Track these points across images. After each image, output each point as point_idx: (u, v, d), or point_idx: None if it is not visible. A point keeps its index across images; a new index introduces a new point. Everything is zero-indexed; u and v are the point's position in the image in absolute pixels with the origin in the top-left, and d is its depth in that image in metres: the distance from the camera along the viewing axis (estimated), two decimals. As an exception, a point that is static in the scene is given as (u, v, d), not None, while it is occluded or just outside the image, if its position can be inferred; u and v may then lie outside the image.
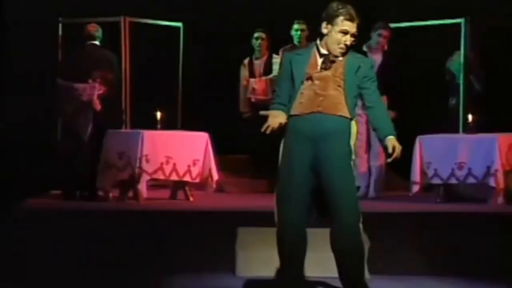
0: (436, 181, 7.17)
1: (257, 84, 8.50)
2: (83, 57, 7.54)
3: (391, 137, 4.52)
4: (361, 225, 4.52)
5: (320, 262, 5.24)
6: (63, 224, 6.02)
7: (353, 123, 4.58)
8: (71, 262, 5.78)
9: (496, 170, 6.88)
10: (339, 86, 4.54)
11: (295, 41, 8.62)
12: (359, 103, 4.76)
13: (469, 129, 7.33)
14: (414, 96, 8.30)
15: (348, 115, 4.54)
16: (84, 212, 6.46)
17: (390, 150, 4.47)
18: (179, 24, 8.91)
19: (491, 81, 8.21)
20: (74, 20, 8.26)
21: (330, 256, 4.65)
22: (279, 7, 9.07)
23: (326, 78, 4.56)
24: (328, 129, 4.50)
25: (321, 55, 4.60)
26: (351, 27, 4.54)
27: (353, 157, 4.58)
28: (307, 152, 4.52)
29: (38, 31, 8.12)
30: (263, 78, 8.50)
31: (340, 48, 4.55)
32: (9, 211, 6.18)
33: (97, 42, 7.65)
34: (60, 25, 8.52)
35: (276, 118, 4.56)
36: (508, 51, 8.41)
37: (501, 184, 6.89)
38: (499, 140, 6.98)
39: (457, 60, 8.05)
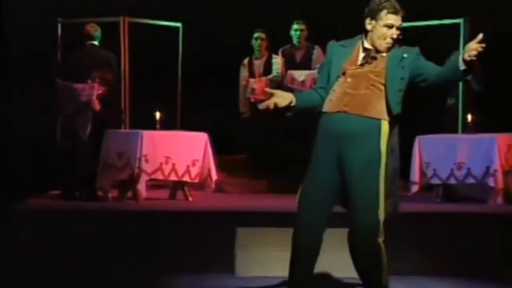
0: (435, 181, 7.17)
1: (257, 84, 8.49)
2: (82, 57, 7.55)
3: (459, 57, 4.27)
4: (381, 231, 4.35)
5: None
6: (62, 224, 6.02)
7: (384, 124, 4.38)
8: (70, 262, 5.78)
9: (495, 170, 6.88)
10: (372, 85, 4.39)
11: (294, 41, 8.64)
12: None
13: (468, 129, 7.33)
14: (413, 96, 8.28)
15: (376, 115, 4.36)
16: (83, 212, 6.47)
17: (469, 58, 4.21)
18: (178, 24, 8.91)
19: (490, 81, 8.21)
20: (73, 21, 8.26)
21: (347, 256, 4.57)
22: (278, 7, 9.07)
23: (360, 76, 4.42)
24: (352, 130, 4.36)
25: (364, 49, 4.46)
26: (396, 20, 4.40)
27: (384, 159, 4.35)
28: (332, 151, 4.39)
29: (37, 32, 8.12)
30: (263, 78, 8.50)
31: (387, 42, 4.41)
32: (8, 211, 6.18)
33: (96, 42, 7.66)
34: (59, 25, 8.53)
35: (276, 98, 4.44)
36: (507, 51, 8.41)
37: (500, 184, 6.89)
38: (498, 140, 6.98)
39: (456, 60, 8.03)
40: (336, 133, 4.40)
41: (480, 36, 4.29)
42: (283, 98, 4.47)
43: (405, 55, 4.42)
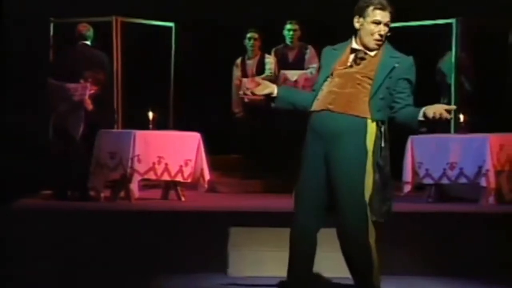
0: (427, 181, 7.18)
1: (250, 84, 8.48)
2: (74, 57, 7.54)
3: (423, 108, 4.28)
4: (371, 228, 4.31)
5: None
6: (54, 224, 6.00)
7: (370, 123, 4.32)
8: (62, 262, 5.77)
9: (487, 170, 6.89)
10: (359, 84, 4.35)
11: (287, 41, 8.64)
12: None
13: (460, 129, 7.34)
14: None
15: (362, 114, 4.32)
16: (75, 212, 6.46)
17: (431, 115, 4.22)
18: (171, 24, 8.90)
19: (482, 81, 8.23)
20: (66, 20, 8.24)
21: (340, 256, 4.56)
22: (272, 8, 9.08)
23: (347, 76, 4.39)
24: (336, 128, 4.33)
25: (353, 50, 4.43)
26: (383, 16, 4.35)
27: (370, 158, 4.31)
28: (320, 150, 4.37)
29: (29, 31, 8.10)
30: (256, 78, 8.50)
31: (375, 39, 4.36)
32: (0, 210, 6.16)
33: (88, 42, 7.65)
34: (51, 25, 8.51)
35: (265, 88, 4.50)
36: (499, 52, 8.43)
37: (492, 184, 6.90)
38: (491, 140, 7.00)
39: (448, 60, 8.08)
40: (322, 132, 4.38)
41: (453, 107, 4.44)
42: (262, 87, 4.51)
43: (396, 65, 4.38)
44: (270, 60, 8.59)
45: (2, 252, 5.78)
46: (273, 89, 4.54)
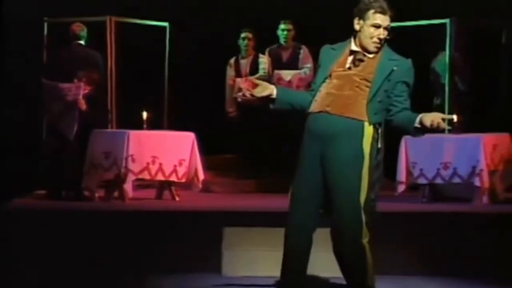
0: (421, 181, 7.19)
1: (244, 83, 8.49)
2: (68, 56, 7.53)
3: (420, 115, 4.31)
4: (365, 230, 4.33)
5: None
6: (48, 224, 6.00)
7: (367, 125, 4.33)
8: (56, 262, 5.76)
9: (481, 170, 6.91)
10: (357, 86, 4.37)
11: (281, 41, 8.65)
12: None
13: (454, 129, 7.36)
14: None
15: (359, 116, 4.33)
16: (69, 212, 6.45)
17: (429, 124, 4.27)
18: (165, 24, 8.90)
19: (476, 81, 8.24)
20: (60, 20, 8.23)
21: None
22: (266, 8, 9.08)
23: (345, 78, 4.40)
24: (334, 130, 4.34)
25: (352, 52, 4.44)
26: (384, 20, 4.37)
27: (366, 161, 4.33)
28: (316, 151, 4.38)
29: (23, 31, 8.08)
30: (249, 77, 8.50)
31: (374, 42, 4.37)
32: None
33: (82, 42, 7.64)
34: (45, 25, 8.49)
35: (264, 90, 4.47)
36: (492, 51, 8.45)
37: (486, 184, 6.93)
38: (484, 140, 7.02)
39: (442, 60, 8.09)
40: (319, 133, 4.39)
41: (450, 116, 4.51)
42: (261, 88, 4.49)
43: (395, 68, 4.39)
44: (263, 60, 8.59)
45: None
46: (272, 90, 4.53)
